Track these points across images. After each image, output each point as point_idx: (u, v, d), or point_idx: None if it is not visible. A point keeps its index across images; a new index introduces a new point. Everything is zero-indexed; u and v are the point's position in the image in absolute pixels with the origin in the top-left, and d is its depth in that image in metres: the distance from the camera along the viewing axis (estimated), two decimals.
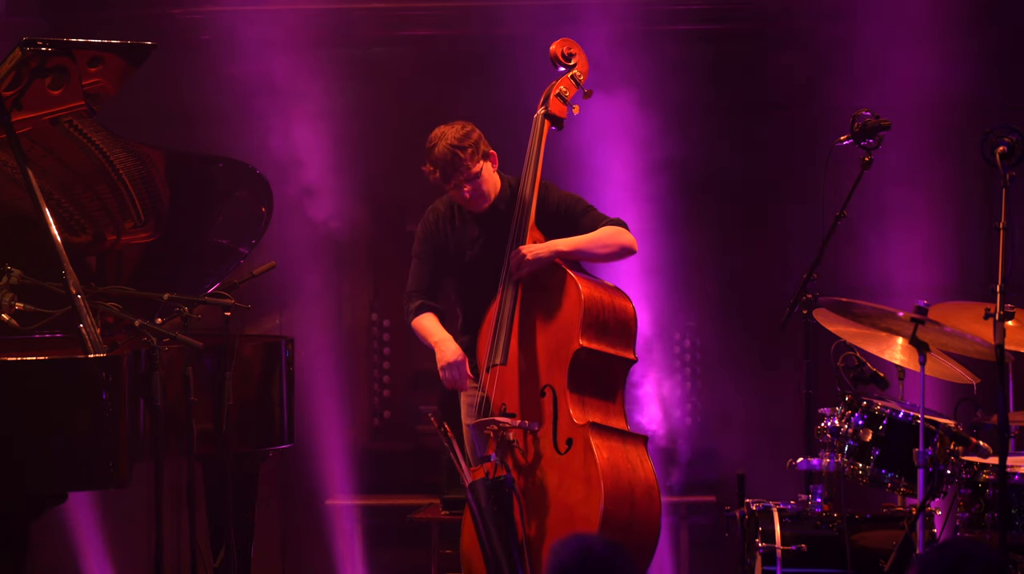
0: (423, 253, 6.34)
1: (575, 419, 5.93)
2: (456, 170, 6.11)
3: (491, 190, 6.22)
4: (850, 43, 8.42)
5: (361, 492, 8.53)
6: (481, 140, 6.16)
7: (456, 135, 6.11)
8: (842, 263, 8.37)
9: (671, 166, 8.47)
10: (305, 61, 8.42)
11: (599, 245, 6.16)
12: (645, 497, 5.95)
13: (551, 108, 6.27)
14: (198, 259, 6.56)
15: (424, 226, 6.36)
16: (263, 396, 6.41)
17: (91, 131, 5.97)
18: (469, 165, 6.11)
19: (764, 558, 5.95)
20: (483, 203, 6.20)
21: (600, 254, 6.18)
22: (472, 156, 6.11)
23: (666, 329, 8.58)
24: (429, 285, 6.32)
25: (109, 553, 8.35)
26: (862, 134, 6.28)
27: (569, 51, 6.33)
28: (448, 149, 6.09)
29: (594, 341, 6.01)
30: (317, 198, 8.63)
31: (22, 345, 5.95)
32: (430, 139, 6.16)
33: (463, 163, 6.10)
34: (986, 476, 5.90)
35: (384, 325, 8.84)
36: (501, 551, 5.79)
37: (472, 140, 6.13)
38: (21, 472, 5.36)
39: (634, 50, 8.29)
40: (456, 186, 6.14)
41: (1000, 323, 5.56)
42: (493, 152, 6.21)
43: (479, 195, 6.18)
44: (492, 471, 5.93)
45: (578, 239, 6.15)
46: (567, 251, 6.11)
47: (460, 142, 6.10)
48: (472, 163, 6.11)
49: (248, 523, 6.48)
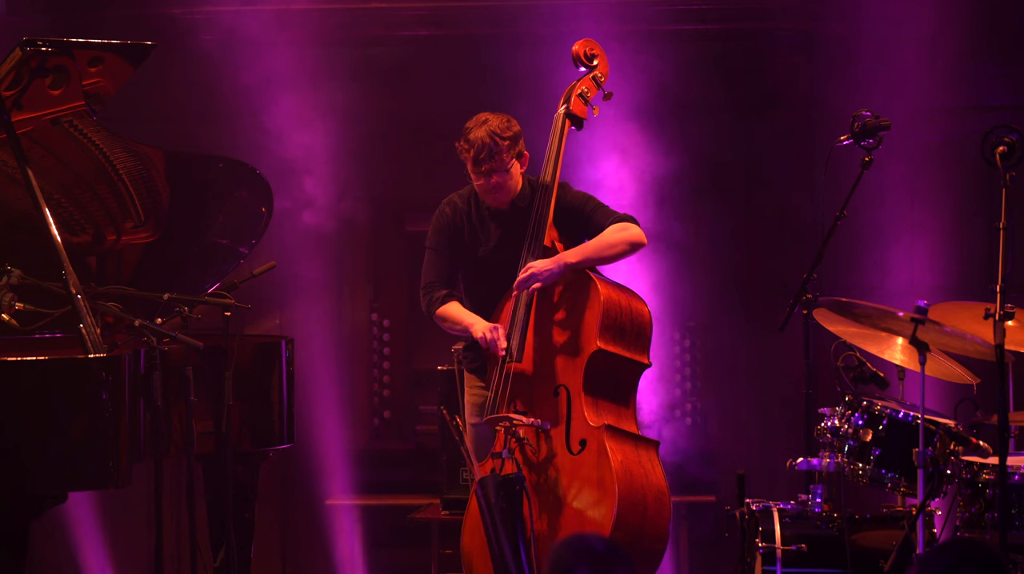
0: (439, 244, 6.31)
1: (589, 421, 5.92)
2: (490, 157, 6.08)
3: (514, 188, 6.19)
4: (851, 43, 8.43)
5: (361, 492, 8.53)
6: (521, 138, 6.15)
7: (500, 124, 6.10)
8: (842, 263, 8.38)
9: (671, 166, 8.47)
10: (305, 61, 8.43)
11: (606, 247, 6.13)
12: (656, 503, 5.94)
13: (573, 108, 6.25)
14: (198, 259, 6.56)
15: (440, 218, 6.33)
16: (263, 396, 6.41)
17: (91, 131, 5.97)
18: (505, 158, 6.09)
19: (764, 558, 5.95)
20: (504, 198, 6.18)
21: (608, 255, 6.15)
22: (509, 149, 6.10)
23: (666, 329, 8.59)
24: (448, 276, 6.30)
25: (109, 553, 8.36)
26: (862, 134, 6.28)
27: (592, 52, 6.31)
28: (489, 134, 6.08)
29: (611, 343, 6.00)
30: (317, 198, 8.63)
31: (22, 345, 5.95)
32: (473, 120, 6.14)
33: (499, 153, 6.08)
34: (986, 476, 5.90)
35: (384, 325, 8.84)
36: (508, 548, 5.78)
37: (512, 133, 6.11)
38: (21, 472, 5.36)
39: (634, 50, 8.29)
40: (485, 173, 6.11)
41: (1000, 323, 5.56)
42: (527, 154, 6.19)
43: (502, 189, 6.15)
44: (499, 468, 5.93)
45: (585, 247, 6.13)
46: (576, 262, 6.09)
47: (502, 131, 6.09)
48: (508, 156, 6.09)
49: (248, 523, 6.48)
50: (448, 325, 6.24)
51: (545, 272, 6.04)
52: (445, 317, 6.22)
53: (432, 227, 6.33)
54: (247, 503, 6.47)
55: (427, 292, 6.27)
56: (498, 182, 6.12)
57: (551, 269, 6.05)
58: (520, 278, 6.04)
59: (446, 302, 6.22)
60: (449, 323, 6.23)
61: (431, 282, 6.27)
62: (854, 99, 7.49)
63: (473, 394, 6.31)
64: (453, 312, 6.21)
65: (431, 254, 6.30)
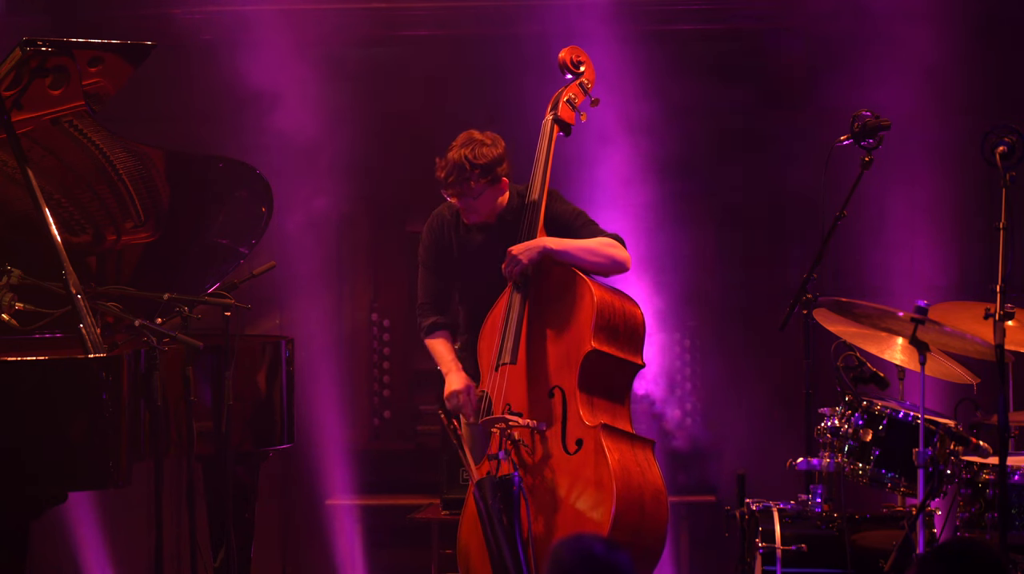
0: (429, 261, 6.35)
1: (585, 420, 5.93)
2: (457, 182, 6.09)
3: (487, 210, 6.19)
4: (851, 43, 8.42)
5: (361, 492, 8.52)
6: (498, 164, 6.12)
7: (474, 150, 6.09)
8: (842, 263, 8.37)
9: (671, 166, 8.47)
10: (305, 61, 8.42)
11: (589, 252, 6.13)
12: (654, 502, 5.95)
13: (561, 114, 6.26)
14: (198, 259, 6.56)
15: (429, 232, 6.35)
16: (263, 396, 6.41)
17: (91, 131, 5.97)
18: (472, 185, 6.10)
19: (764, 558, 5.95)
20: (475, 219, 6.20)
21: (589, 261, 6.13)
22: (480, 177, 6.09)
23: (666, 329, 8.58)
24: (438, 294, 6.35)
25: (109, 553, 8.35)
26: (862, 134, 6.28)
27: (578, 59, 6.33)
28: (462, 158, 6.08)
29: (605, 344, 6.01)
30: (317, 198, 8.63)
31: (22, 345, 5.95)
32: (459, 137, 6.15)
33: (466, 180, 6.09)
34: (986, 476, 5.90)
35: (384, 325, 8.84)
36: (507, 548, 5.79)
37: (488, 160, 6.09)
38: (21, 472, 5.36)
39: (634, 49, 8.28)
40: (451, 195, 6.15)
41: (1000, 323, 5.57)
42: (505, 179, 6.17)
43: (472, 211, 6.18)
44: (495, 470, 5.94)
45: (570, 241, 6.13)
46: (556, 250, 6.09)
47: (476, 158, 6.08)
48: (476, 183, 6.09)
49: (248, 523, 6.48)
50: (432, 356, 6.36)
51: (525, 253, 6.06)
52: (430, 350, 6.36)
53: (422, 243, 6.37)
54: (247, 503, 6.48)
55: (419, 314, 6.39)
56: (464, 205, 6.15)
57: (531, 249, 6.06)
58: (504, 267, 6.07)
59: (431, 334, 6.34)
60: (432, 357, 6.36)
61: (423, 303, 6.38)
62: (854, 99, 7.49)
63: None
64: (437, 350, 6.33)
65: (422, 271, 6.38)
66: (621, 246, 6.17)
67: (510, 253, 6.08)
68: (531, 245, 6.09)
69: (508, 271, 6.08)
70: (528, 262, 6.06)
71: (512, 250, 6.08)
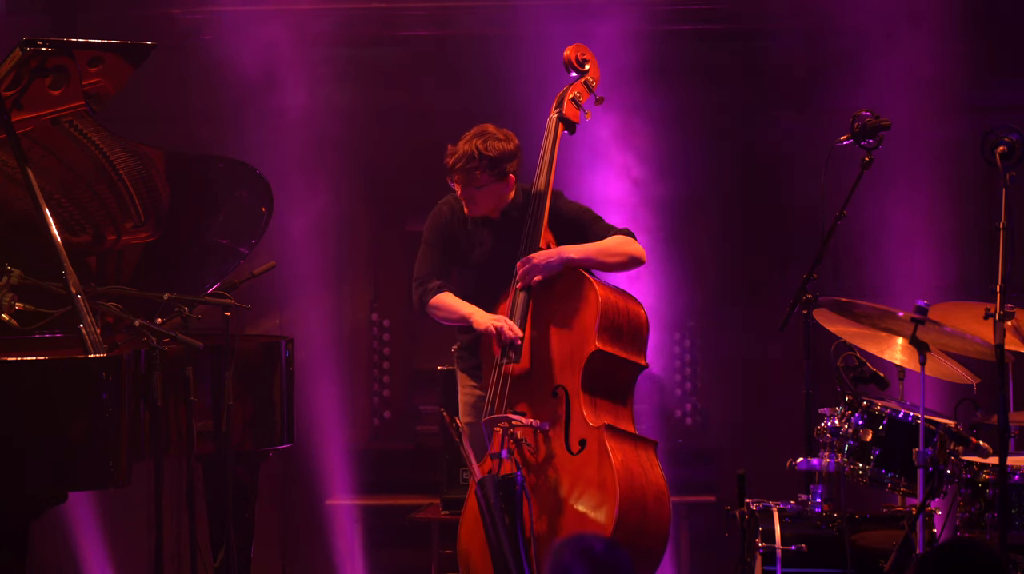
0: (434, 240, 6.31)
1: (589, 421, 5.93)
2: (463, 170, 6.09)
3: (489, 205, 6.18)
4: (851, 43, 8.42)
5: (361, 492, 8.52)
6: (510, 160, 6.12)
7: (486, 142, 6.09)
8: (842, 263, 8.37)
9: (671, 165, 8.47)
10: (305, 61, 8.43)
11: (609, 254, 6.15)
12: (656, 502, 5.95)
13: (566, 112, 6.26)
14: (198, 259, 6.56)
15: (436, 217, 6.33)
16: (263, 396, 6.41)
17: (91, 131, 5.97)
18: (478, 175, 6.10)
19: (764, 558, 5.95)
20: (476, 212, 6.19)
21: (609, 262, 6.16)
22: (487, 169, 6.09)
23: (666, 329, 8.58)
24: (442, 269, 6.28)
25: (109, 553, 8.35)
26: (862, 134, 6.27)
27: (583, 57, 6.32)
28: (470, 149, 6.09)
29: (609, 344, 6.01)
30: (317, 197, 8.63)
31: (22, 345, 5.95)
32: (474, 128, 6.15)
33: (473, 170, 6.09)
34: (986, 476, 5.90)
35: (384, 325, 8.84)
36: (508, 547, 5.79)
37: (497, 154, 6.09)
38: (21, 472, 5.36)
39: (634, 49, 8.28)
40: (456, 181, 6.15)
41: (1000, 323, 5.57)
42: (512, 177, 6.17)
43: (473, 202, 6.17)
44: (497, 468, 5.94)
45: (588, 246, 6.13)
46: (577, 258, 6.09)
47: (486, 150, 6.08)
48: (483, 175, 6.09)
49: (248, 523, 6.48)
50: (442, 314, 6.21)
51: (544, 262, 6.05)
52: (439, 306, 6.19)
53: (428, 223, 6.34)
54: (247, 503, 6.47)
55: (420, 283, 6.25)
56: (467, 195, 6.14)
57: (551, 260, 6.05)
58: (521, 271, 6.05)
59: (440, 292, 6.20)
60: (444, 313, 6.20)
61: (425, 274, 6.26)
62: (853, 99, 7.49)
63: (465, 393, 6.32)
64: (449, 302, 6.19)
65: (426, 248, 6.30)
66: (634, 240, 6.18)
67: (530, 260, 6.06)
68: (551, 255, 6.07)
69: (524, 277, 6.05)
70: (547, 271, 6.05)
71: (533, 257, 6.05)
